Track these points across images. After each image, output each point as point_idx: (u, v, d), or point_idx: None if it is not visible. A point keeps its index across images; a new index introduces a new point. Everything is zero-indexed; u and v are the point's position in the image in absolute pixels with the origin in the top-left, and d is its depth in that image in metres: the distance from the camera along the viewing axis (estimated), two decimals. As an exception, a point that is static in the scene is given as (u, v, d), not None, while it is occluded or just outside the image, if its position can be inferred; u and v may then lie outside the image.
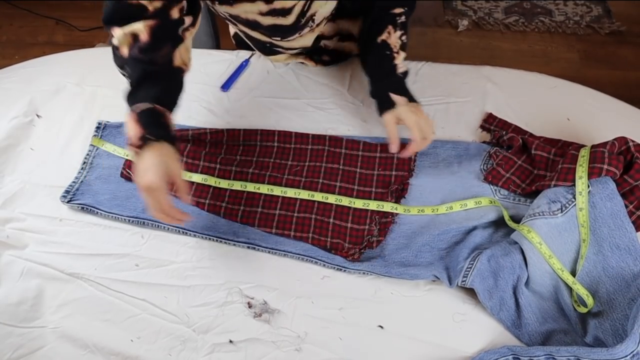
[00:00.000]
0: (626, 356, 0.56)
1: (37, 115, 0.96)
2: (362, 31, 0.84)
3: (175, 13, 0.70)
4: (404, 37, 0.80)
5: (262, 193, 0.81)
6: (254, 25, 0.80)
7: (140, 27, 0.68)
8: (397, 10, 0.79)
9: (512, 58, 1.76)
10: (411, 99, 0.78)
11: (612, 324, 0.61)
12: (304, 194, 0.80)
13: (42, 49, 1.88)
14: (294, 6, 0.75)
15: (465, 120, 0.88)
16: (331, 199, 0.79)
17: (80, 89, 1.00)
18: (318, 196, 0.80)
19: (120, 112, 0.94)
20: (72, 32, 1.96)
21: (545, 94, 0.89)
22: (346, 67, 0.97)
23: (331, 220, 0.78)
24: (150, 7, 0.67)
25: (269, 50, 0.95)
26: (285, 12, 0.76)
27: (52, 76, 1.02)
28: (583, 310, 0.64)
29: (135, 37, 0.68)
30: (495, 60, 1.74)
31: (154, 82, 0.70)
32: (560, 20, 1.84)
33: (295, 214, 0.79)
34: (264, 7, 0.74)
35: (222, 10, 0.79)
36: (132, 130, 0.67)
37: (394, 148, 0.77)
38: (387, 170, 0.82)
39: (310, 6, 0.78)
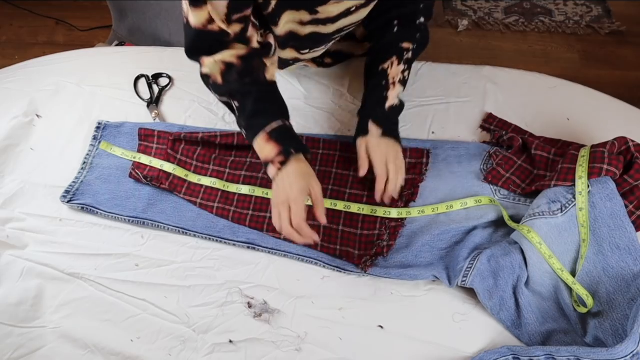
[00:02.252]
0: (626, 356, 0.56)
1: (37, 115, 0.96)
2: (369, 53, 0.84)
3: (254, 37, 0.71)
4: (406, 73, 0.79)
5: (270, 198, 0.80)
6: (290, 37, 0.75)
7: (230, 54, 0.69)
8: (406, 45, 0.78)
9: (512, 58, 1.76)
10: (391, 135, 0.76)
11: (612, 324, 0.61)
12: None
13: (42, 49, 1.87)
14: (339, 14, 0.71)
15: (465, 120, 0.87)
16: (340, 205, 0.79)
17: (80, 89, 1.00)
18: (327, 203, 0.78)
19: (120, 112, 0.95)
20: (72, 32, 1.96)
21: (545, 94, 0.89)
22: (346, 67, 0.97)
23: (340, 227, 0.77)
24: (231, 32, 0.67)
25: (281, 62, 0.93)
26: (328, 20, 0.72)
27: (52, 76, 1.02)
28: (583, 310, 0.64)
29: (227, 64, 0.69)
30: (495, 60, 1.74)
31: (267, 100, 0.71)
32: (560, 20, 1.84)
33: None
34: (306, 17, 0.71)
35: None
36: (268, 149, 0.69)
37: (361, 172, 0.76)
38: None
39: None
